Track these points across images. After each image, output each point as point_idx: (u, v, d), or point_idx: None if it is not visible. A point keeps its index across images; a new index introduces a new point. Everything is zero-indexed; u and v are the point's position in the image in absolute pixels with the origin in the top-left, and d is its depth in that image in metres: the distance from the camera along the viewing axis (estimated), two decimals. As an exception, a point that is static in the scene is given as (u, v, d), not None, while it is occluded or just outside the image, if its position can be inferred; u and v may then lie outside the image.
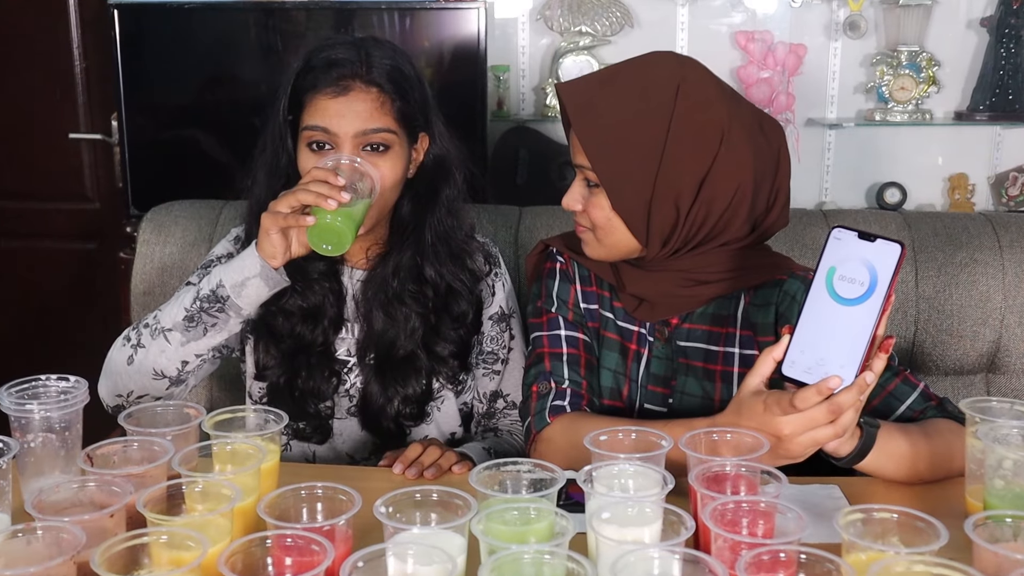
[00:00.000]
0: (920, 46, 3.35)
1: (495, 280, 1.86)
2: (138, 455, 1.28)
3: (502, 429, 1.84)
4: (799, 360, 1.27)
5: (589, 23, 3.30)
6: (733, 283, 1.58)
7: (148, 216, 2.29)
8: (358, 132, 1.64)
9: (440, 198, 1.78)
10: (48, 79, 3.49)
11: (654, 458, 1.25)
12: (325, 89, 1.65)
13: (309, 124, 1.66)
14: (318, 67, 1.67)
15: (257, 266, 1.59)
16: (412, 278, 1.76)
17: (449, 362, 1.79)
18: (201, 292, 1.62)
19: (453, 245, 1.79)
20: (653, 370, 1.63)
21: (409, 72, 1.72)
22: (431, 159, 1.78)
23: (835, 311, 1.25)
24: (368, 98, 1.65)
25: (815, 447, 1.29)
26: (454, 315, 1.78)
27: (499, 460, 1.23)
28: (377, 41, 1.73)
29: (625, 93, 1.52)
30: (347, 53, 1.67)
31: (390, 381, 1.76)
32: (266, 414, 1.38)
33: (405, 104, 1.69)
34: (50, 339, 3.61)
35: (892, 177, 3.47)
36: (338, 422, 1.81)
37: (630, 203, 1.51)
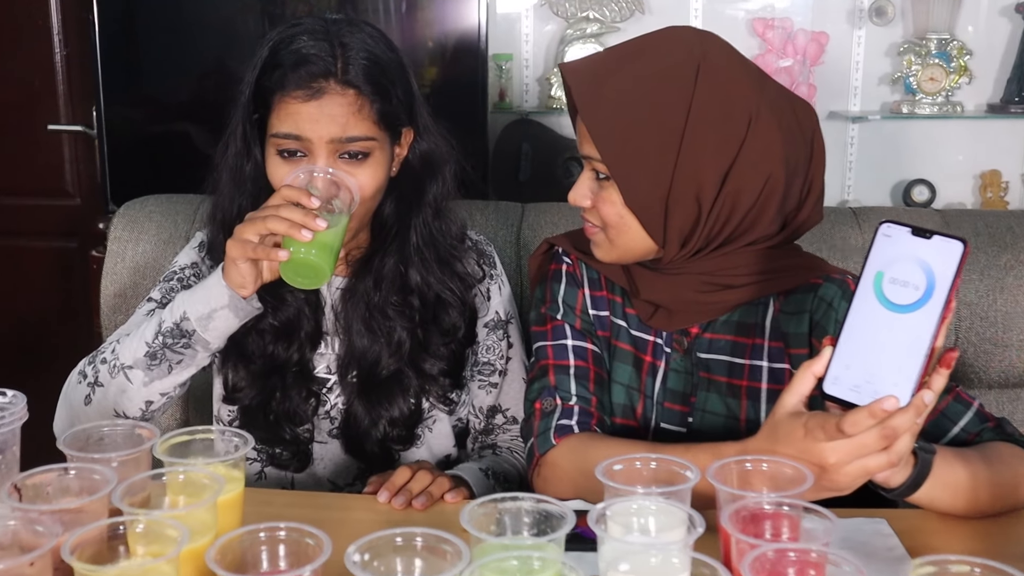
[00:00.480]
0: (950, 34, 3.24)
1: (490, 283, 1.73)
2: (77, 485, 1.13)
3: (501, 446, 1.72)
4: (844, 376, 1.15)
5: (597, 8, 3.23)
6: (761, 287, 1.47)
7: (120, 212, 2.18)
8: (334, 139, 1.50)
9: (426, 198, 1.65)
10: (26, 67, 3.40)
11: (679, 493, 1.11)
12: (295, 91, 1.49)
13: (279, 131, 1.51)
14: (286, 63, 1.51)
15: (225, 296, 1.47)
16: (396, 288, 1.63)
17: (440, 380, 1.66)
18: (163, 325, 1.49)
19: (441, 249, 1.67)
20: (670, 385, 1.53)
21: (390, 64, 1.56)
22: (416, 155, 1.64)
23: (886, 319, 1.14)
24: (344, 101, 1.50)
25: (865, 478, 1.17)
26: (444, 328, 1.66)
27: (496, 496, 1.09)
28: (351, 25, 1.57)
29: (639, 74, 1.40)
30: (318, 47, 1.51)
31: (375, 402, 1.63)
32: (232, 437, 1.24)
33: (386, 104, 1.54)
34: (27, 345, 3.50)
35: (920, 174, 3.37)
36: (318, 446, 1.68)
37: (645, 198, 1.40)
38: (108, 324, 2.10)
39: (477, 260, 1.73)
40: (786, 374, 1.45)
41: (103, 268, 2.12)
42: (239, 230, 1.43)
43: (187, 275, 1.66)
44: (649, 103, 1.38)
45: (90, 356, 1.56)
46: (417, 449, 1.68)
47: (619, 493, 1.11)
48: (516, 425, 1.72)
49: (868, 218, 2.15)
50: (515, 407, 1.72)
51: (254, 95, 1.54)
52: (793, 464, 1.14)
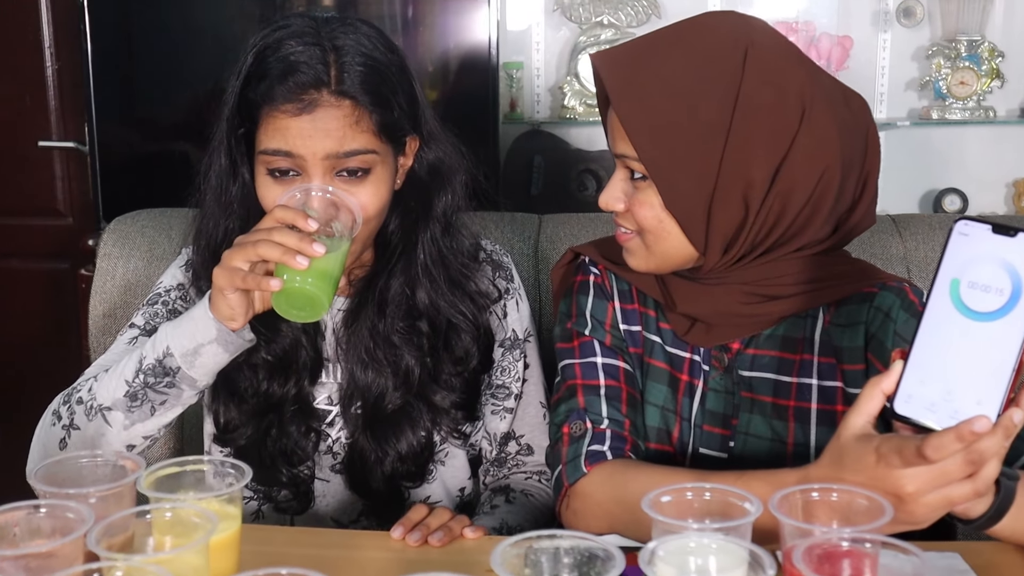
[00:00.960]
0: (981, 35, 3.17)
1: (507, 298, 1.61)
2: (48, 526, 1.03)
3: (515, 490, 1.58)
4: (917, 394, 1.05)
5: (612, 13, 3.17)
6: (810, 298, 1.38)
7: (110, 227, 2.09)
8: (329, 155, 1.37)
9: (434, 211, 1.53)
10: (16, 82, 3.33)
11: (739, 528, 1.01)
12: (283, 104, 1.36)
13: (268, 148, 1.39)
14: (272, 73, 1.38)
15: (212, 330, 1.34)
16: (402, 312, 1.51)
17: (452, 413, 1.54)
18: (145, 362, 1.36)
19: (452, 268, 1.55)
20: (709, 406, 1.43)
21: (390, 67, 1.44)
22: (422, 164, 1.52)
23: (965, 329, 1.04)
24: (339, 114, 1.37)
25: (945, 509, 1.07)
26: (456, 356, 1.54)
27: (530, 534, 0.97)
28: (345, 25, 1.44)
29: (679, 61, 1.31)
30: (308, 53, 1.38)
31: (381, 436, 1.51)
32: (227, 468, 1.14)
33: (387, 113, 1.42)
34: (18, 370, 3.42)
35: (951, 182, 3.31)
36: (320, 483, 1.56)
37: (687, 199, 1.31)
38: (97, 346, 2.01)
39: (492, 274, 1.61)
40: (839, 393, 1.36)
41: (92, 287, 2.03)
42: (227, 256, 1.30)
43: (172, 298, 1.54)
44: (691, 93, 1.29)
45: (65, 394, 1.44)
46: (429, 484, 1.57)
47: (670, 529, 1.00)
48: (531, 456, 1.61)
49: (908, 226, 2.08)
50: (530, 434, 1.61)
51: (239, 107, 1.42)
52: (868, 494, 1.04)
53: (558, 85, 3.30)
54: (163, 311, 1.53)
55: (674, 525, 0.99)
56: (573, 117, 3.22)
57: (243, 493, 1.15)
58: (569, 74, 3.25)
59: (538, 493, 1.58)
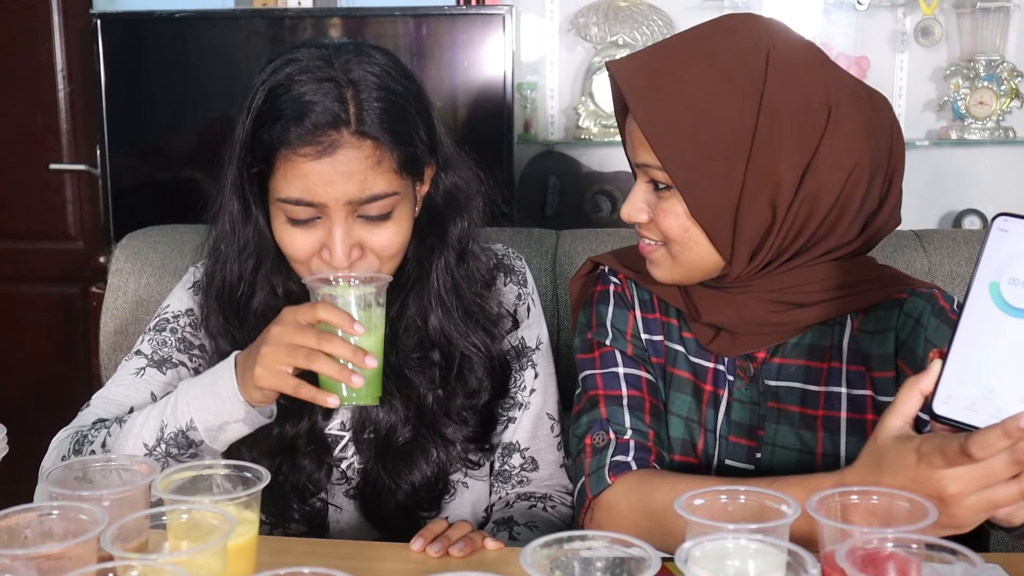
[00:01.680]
0: (1000, 55, 3.17)
1: (518, 304, 1.56)
2: (60, 528, 1.00)
3: (519, 523, 1.50)
4: (957, 394, 1.02)
5: (627, 32, 3.17)
6: (838, 305, 1.34)
7: (122, 243, 2.06)
8: (352, 200, 1.32)
9: (448, 238, 1.48)
10: (28, 105, 3.35)
11: (777, 530, 0.96)
12: (302, 148, 1.30)
13: (287, 196, 1.33)
14: (287, 114, 1.31)
15: (241, 411, 1.30)
16: (415, 341, 1.47)
17: (459, 447, 1.48)
18: (166, 430, 1.32)
19: (465, 297, 1.49)
20: (735, 417, 1.39)
21: (408, 99, 1.38)
22: (438, 190, 1.47)
23: (1007, 326, 1.01)
24: (361, 155, 1.31)
25: (989, 512, 1.03)
26: (469, 389, 1.49)
27: (560, 535, 0.93)
28: (359, 55, 1.37)
29: (700, 68, 1.28)
30: (323, 90, 1.31)
31: (393, 468, 1.46)
32: (242, 472, 1.10)
33: (408, 149, 1.36)
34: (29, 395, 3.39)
35: (970, 203, 3.29)
36: (333, 510, 1.50)
37: (714, 207, 1.27)
38: (108, 363, 1.98)
39: (505, 279, 1.57)
40: (868, 401, 1.32)
41: (103, 303, 2.00)
42: (269, 356, 1.24)
43: (182, 325, 1.49)
44: (714, 99, 1.26)
45: (73, 436, 1.38)
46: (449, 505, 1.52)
47: (705, 531, 0.95)
48: (536, 471, 1.55)
49: (932, 240, 2.06)
50: (536, 447, 1.55)
51: (251, 147, 1.35)
52: (909, 496, 0.99)
53: (572, 106, 3.29)
54: (172, 339, 1.48)
55: (709, 526, 0.95)
56: (588, 138, 3.20)
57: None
58: (584, 94, 3.24)
59: (544, 524, 1.51)
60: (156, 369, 1.46)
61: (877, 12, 3.21)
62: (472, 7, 2.96)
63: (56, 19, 3.27)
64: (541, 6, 3.25)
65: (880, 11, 3.21)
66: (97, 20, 2.85)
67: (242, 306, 1.44)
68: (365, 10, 2.94)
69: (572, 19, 3.23)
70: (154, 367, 1.45)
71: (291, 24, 2.90)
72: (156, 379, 1.45)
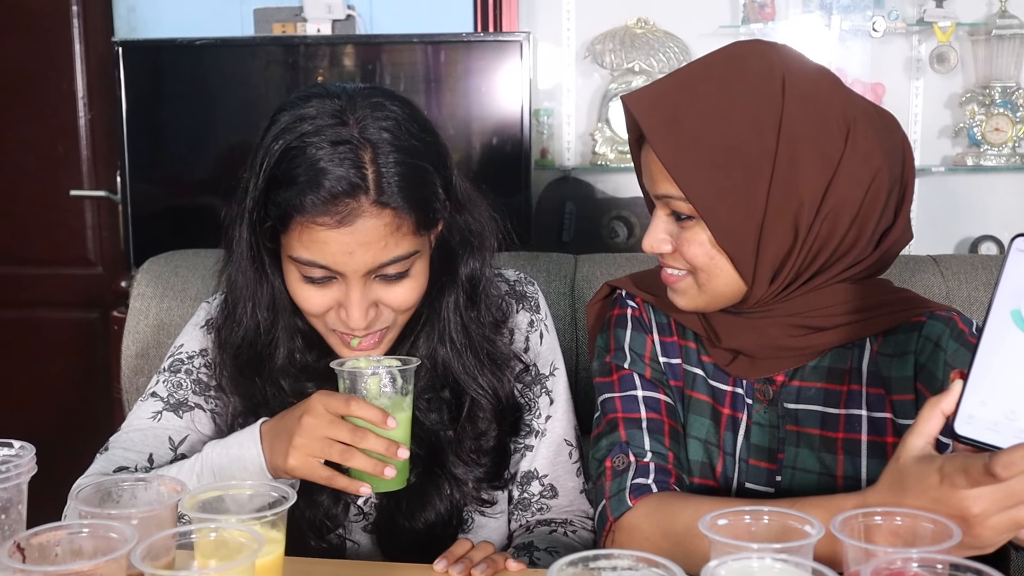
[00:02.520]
0: (1016, 82, 3.17)
1: (530, 331, 1.55)
2: (91, 545, 0.99)
3: (539, 548, 1.48)
4: (979, 414, 1.01)
5: (643, 59, 3.18)
6: (857, 328, 1.33)
7: (144, 267, 2.06)
8: (371, 268, 1.31)
9: (459, 278, 1.46)
10: (50, 132, 3.37)
11: (801, 550, 0.95)
12: (319, 217, 1.27)
13: (303, 258, 1.31)
14: (301, 180, 1.27)
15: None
16: (426, 383, 1.46)
17: (470, 486, 1.48)
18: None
19: (475, 339, 1.47)
20: (754, 440, 1.38)
21: (427, 156, 1.35)
22: (450, 229, 1.45)
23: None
24: (380, 223, 1.29)
25: (1013, 532, 1.01)
26: (478, 430, 1.47)
27: (586, 553, 0.92)
28: (375, 108, 1.32)
29: (716, 97, 1.27)
30: (339, 155, 1.27)
31: (408, 506, 1.45)
32: (268, 491, 1.10)
33: (427, 209, 1.34)
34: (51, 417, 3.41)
35: (986, 229, 3.27)
36: (351, 545, 1.49)
37: (738, 233, 1.27)
38: (129, 387, 1.98)
39: (517, 306, 1.55)
40: (888, 424, 1.31)
41: (125, 327, 2.01)
42: (304, 448, 1.24)
43: (196, 366, 1.48)
44: (733, 127, 1.26)
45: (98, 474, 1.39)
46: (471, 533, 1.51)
47: (729, 550, 0.95)
48: (556, 498, 1.54)
49: (950, 266, 2.04)
50: (554, 474, 1.54)
51: (265, 207, 1.32)
52: (933, 517, 0.98)
53: (589, 132, 3.29)
54: (187, 381, 1.47)
55: (734, 546, 0.94)
56: (604, 164, 3.20)
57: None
58: (600, 120, 3.24)
59: (564, 549, 1.49)
60: (173, 413, 1.45)
61: (892, 39, 3.20)
62: (489, 34, 2.97)
63: (78, 47, 3.29)
64: (558, 33, 3.26)
65: (895, 38, 3.20)
66: (119, 48, 2.86)
67: (262, 362, 1.43)
68: (383, 37, 2.95)
69: (588, 46, 3.24)
70: (170, 411, 1.44)
71: (310, 52, 2.91)
72: (173, 424, 1.45)
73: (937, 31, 3.08)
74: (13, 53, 3.32)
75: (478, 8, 3.09)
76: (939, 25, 3.08)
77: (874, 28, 3.11)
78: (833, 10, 3.17)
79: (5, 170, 3.38)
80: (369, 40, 2.98)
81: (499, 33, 3.00)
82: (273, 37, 3.03)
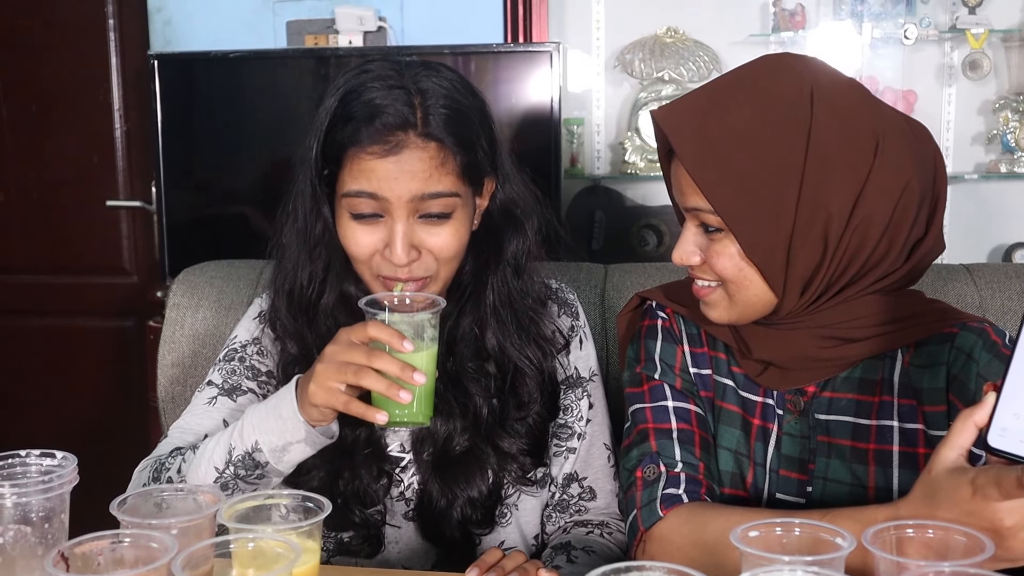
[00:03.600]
0: None
1: (571, 335, 1.58)
2: (132, 555, 1.01)
3: (576, 547, 1.50)
4: (1013, 427, 1.00)
5: (673, 68, 3.17)
6: (888, 340, 1.33)
7: (180, 277, 2.09)
8: (414, 197, 1.37)
9: (505, 254, 1.51)
10: (86, 143, 3.39)
11: (832, 563, 0.95)
12: (370, 146, 1.36)
13: (352, 189, 1.38)
14: (358, 116, 1.37)
15: (302, 431, 1.32)
16: (471, 352, 1.50)
17: (519, 459, 1.49)
18: (234, 453, 1.35)
19: (520, 312, 1.52)
20: (785, 451, 1.38)
21: (472, 111, 1.44)
22: (497, 205, 1.50)
23: None
24: (425, 156, 1.37)
25: None
26: (520, 400, 1.51)
27: (618, 565, 0.92)
28: (427, 68, 1.43)
29: (745, 110, 1.27)
30: (393, 95, 1.37)
31: (450, 481, 1.47)
32: (304, 502, 1.12)
33: (470, 156, 1.41)
34: (85, 424, 3.43)
35: (1020, 237, 3.24)
36: (391, 530, 1.51)
37: (767, 246, 1.27)
38: (166, 396, 2.00)
39: (558, 311, 1.59)
40: (920, 435, 1.31)
41: (161, 337, 2.03)
42: (323, 375, 1.27)
43: (249, 354, 1.53)
44: (762, 140, 1.26)
45: (152, 465, 1.42)
46: (504, 529, 1.52)
47: (761, 562, 0.95)
48: (594, 500, 1.56)
49: (983, 275, 2.01)
50: (594, 477, 1.57)
51: (323, 150, 1.41)
52: (965, 531, 0.98)
53: (619, 140, 3.28)
54: (240, 367, 1.52)
55: (765, 558, 0.94)
56: (634, 172, 3.20)
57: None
58: (630, 129, 3.23)
59: (601, 549, 1.52)
60: (227, 397, 1.50)
61: (924, 46, 3.18)
62: (520, 44, 2.97)
63: (114, 60, 3.32)
64: (587, 43, 3.26)
65: (927, 45, 3.18)
66: (154, 61, 2.88)
67: (312, 305, 1.48)
68: (414, 49, 2.95)
69: (618, 55, 3.24)
70: (225, 395, 1.49)
71: (341, 63, 2.92)
72: (227, 406, 1.50)
73: (970, 38, 3.06)
74: (51, 66, 3.35)
75: (508, 18, 3.08)
76: (972, 32, 3.06)
77: (906, 36, 3.10)
78: (864, 18, 3.15)
79: (43, 180, 3.41)
80: (400, 51, 2.99)
81: (529, 43, 3.00)
82: (305, 49, 3.04)
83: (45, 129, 3.39)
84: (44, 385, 3.51)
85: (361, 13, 3.04)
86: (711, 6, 3.22)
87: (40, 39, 3.33)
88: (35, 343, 3.51)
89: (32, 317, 3.52)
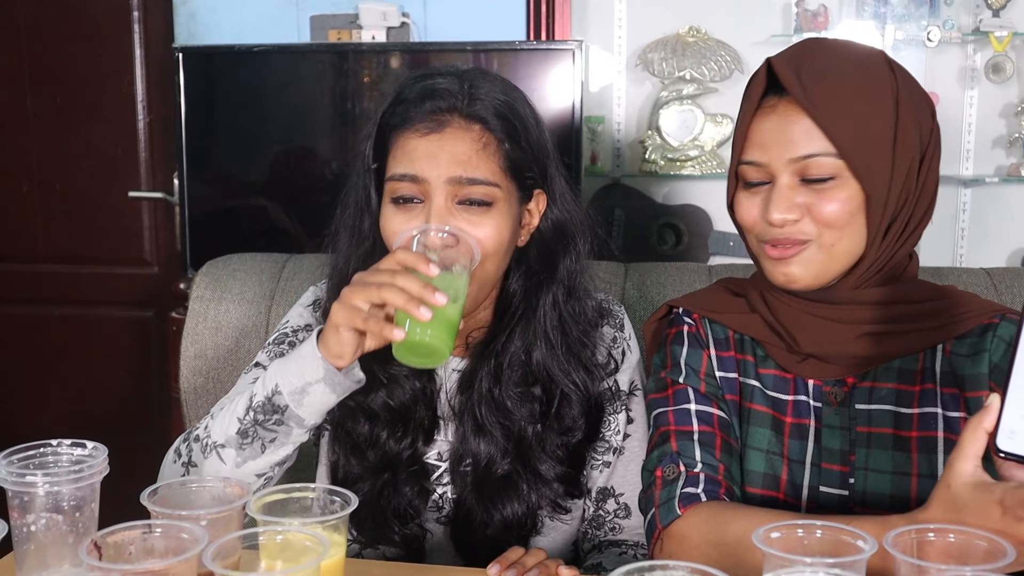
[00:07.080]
0: None
1: (613, 347, 1.55)
2: (162, 545, 1.02)
3: (608, 569, 1.46)
4: (1021, 429, 1.02)
5: (695, 68, 3.15)
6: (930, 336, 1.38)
7: (203, 270, 2.10)
8: (452, 178, 1.35)
9: (558, 274, 1.47)
10: (110, 135, 3.40)
11: (854, 566, 0.96)
12: (416, 125, 1.37)
13: (395, 173, 1.38)
14: (410, 99, 1.39)
15: (320, 369, 1.29)
16: (518, 376, 1.46)
17: (554, 486, 1.47)
18: (255, 399, 1.33)
19: (571, 335, 1.48)
20: (826, 444, 1.39)
21: (524, 111, 1.43)
22: (548, 224, 1.47)
23: None
24: (468, 136, 1.36)
25: None
26: (564, 426, 1.47)
27: (642, 564, 0.93)
28: (486, 74, 1.45)
29: (847, 60, 1.36)
30: (447, 83, 1.40)
31: (488, 500, 1.45)
32: (330, 496, 1.12)
33: (515, 148, 1.39)
34: (107, 413, 3.44)
35: None
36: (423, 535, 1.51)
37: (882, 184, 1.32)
38: (188, 387, 2.01)
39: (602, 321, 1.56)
40: (962, 423, 1.31)
41: (184, 328, 2.03)
42: (347, 294, 1.25)
43: (300, 339, 1.51)
44: (871, 86, 1.32)
45: (186, 432, 1.41)
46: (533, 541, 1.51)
47: (783, 564, 0.95)
48: (629, 519, 1.53)
49: (1004, 279, 2.00)
50: (630, 494, 1.53)
51: (377, 138, 1.43)
52: (987, 535, 0.98)
53: (639, 139, 3.27)
54: (289, 350, 1.50)
55: (787, 560, 0.94)
56: (654, 171, 3.19)
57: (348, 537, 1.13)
58: (650, 128, 3.23)
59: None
60: None
61: (947, 48, 3.16)
62: (542, 42, 2.97)
63: (138, 52, 3.33)
64: (609, 41, 3.25)
65: (950, 47, 3.16)
66: (178, 54, 2.88)
67: None
68: (437, 44, 2.96)
69: (640, 54, 3.23)
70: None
71: (364, 58, 2.93)
72: None
73: (993, 40, 3.04)
74: (76, 58, 3.36)
75: (531, 16, 3.08)
76: (995, 35, 3.04)
77: (928, 38, 3.08)
78: (887, 19, 3.13)
79: (66, 171, 3.42)
80: (423, 47, 3.00)
81: (551, 41, 2.99)
82: (328, 44, 3.04)
83: (69, 120, 3.39)
84: (65, 374, 3.53)
85: (385, 9, 3.04)
86: (733, 6, 3.21)
87: (65, 31, 3.34)
88: (57, 332, 3.52)
89: (54, 306, 3.52)
